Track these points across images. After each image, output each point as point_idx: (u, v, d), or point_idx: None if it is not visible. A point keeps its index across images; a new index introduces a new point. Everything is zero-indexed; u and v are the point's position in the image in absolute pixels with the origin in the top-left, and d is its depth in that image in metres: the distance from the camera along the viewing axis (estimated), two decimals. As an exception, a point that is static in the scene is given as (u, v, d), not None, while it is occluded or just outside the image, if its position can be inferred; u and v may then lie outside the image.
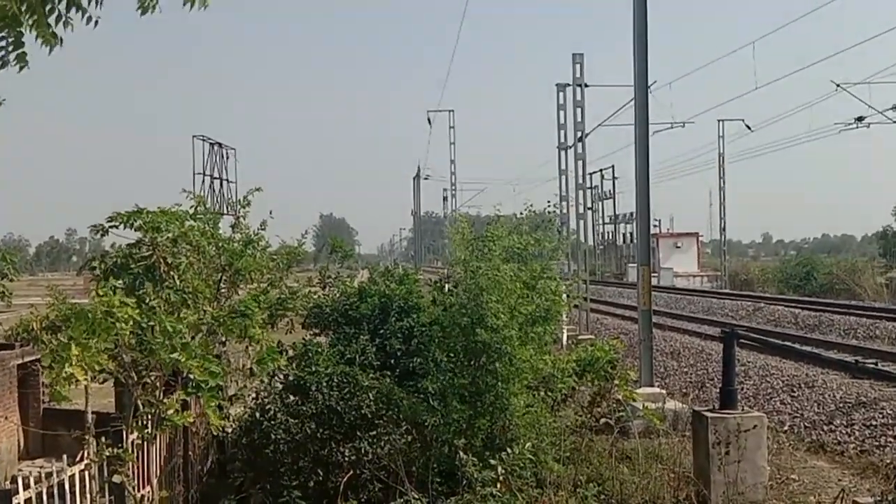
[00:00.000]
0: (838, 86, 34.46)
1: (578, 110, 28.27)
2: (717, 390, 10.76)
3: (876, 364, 13.63)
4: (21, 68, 4.34)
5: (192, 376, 7.25)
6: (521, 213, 12.06)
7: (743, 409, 10.45)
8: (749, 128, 48.74)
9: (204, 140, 24.87)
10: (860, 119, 36.33)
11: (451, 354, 10.22)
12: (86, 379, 6.86)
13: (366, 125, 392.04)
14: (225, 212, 15.27)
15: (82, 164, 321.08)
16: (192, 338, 8.06)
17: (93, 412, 8.17)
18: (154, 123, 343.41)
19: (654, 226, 71.72)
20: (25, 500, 6.67)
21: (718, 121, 54.52)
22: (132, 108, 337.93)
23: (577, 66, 27.91)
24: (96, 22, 4.33)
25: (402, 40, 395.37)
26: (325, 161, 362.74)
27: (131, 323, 6.97)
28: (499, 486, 8.63)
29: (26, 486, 6.82)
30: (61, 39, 4.33)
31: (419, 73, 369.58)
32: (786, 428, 14.34)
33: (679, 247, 71.93)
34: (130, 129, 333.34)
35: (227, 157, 25.97)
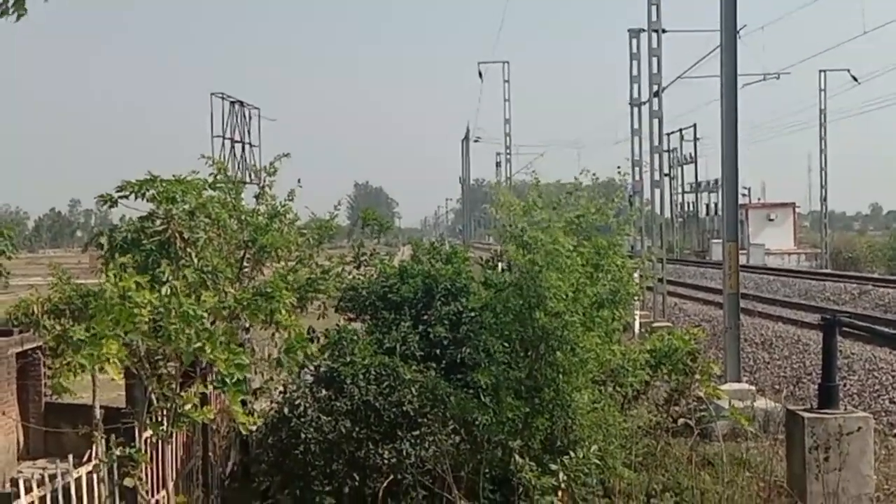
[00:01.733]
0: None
1: (654, 60, 27.97)
2: (816, 387, 10.67)
3: None
4: (19, 17, 4.47)
5: (214, 368, 7.36)
6: (579, 181, 11.89)
7: (846, 409, 10.33)
8: (855, 79, 47.97)
9: (224, 98, 24.97)
10: None
11: (506, 343, 10.24)
12: (118, 375, 6.97)
13: (409, 83, 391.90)
14: (248, 180, 15.37)
15: (86, 129, 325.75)
16: (213, 323, 8.18)
17: (101, 407, 8.34)
18: (169, 82, 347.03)
19: (743, 195, 70.78)
20: (28, 504, 6.85)
21: (820, 71, 53.72)
22: (147, 65, 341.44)
23: (653, 8, 27.59)
24: None
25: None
26: (361, 124, 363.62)
27: (149, 308, 7.08)
28: (560, 494, 8.67)
29: (28, 490, 7.00)
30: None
31: (470, 19, 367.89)
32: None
33: (772, 219, 70.96)
34: (143, 88, 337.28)
35: (250, 118, 26.05)
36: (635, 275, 11.18)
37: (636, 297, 12.17)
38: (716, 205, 70.82)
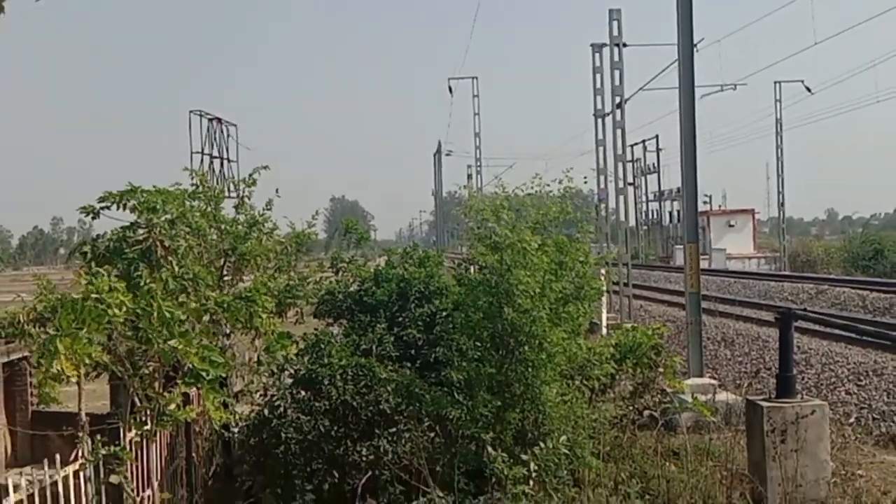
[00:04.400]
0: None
1: (616, 73, 28.18)
2: (774, 379, 10.79)
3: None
4: None
5: (188, 364, 7.37)
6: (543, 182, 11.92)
7: (802, 398, 10.46)
8: (809, 90, 48.43)
9: (202, 115, 24.92)
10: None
11: (478, 343, 10.31)
12: (76, 374, 6.98)
13: (381, 99, 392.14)
14: (227, 194, 15.37)
15: (68, 148, 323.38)
16: (193, 327, 8.19)
17: (86, 414, 8.32)
18: (147, 100, 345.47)
19: (704, 202, 71.55)
20: (16, 502, 6.81)
21: (775, 83, 54.21)
22: (122, 84, 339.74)
23: (615, 24, 27.81)
24: None
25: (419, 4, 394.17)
26: (336, 139, 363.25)
27: (124, 309, 7.09)
28: (531, 484, 8.73)
29: (16, 489, 6.96)
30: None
31: (440, 38, 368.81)
32: (852, 420, 14.34)
33: (733, 225, 71.54)
34: (122, 107, 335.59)
35: (228, 134, 26.00)
36: (602, 271, 11.29)
37: (601, 294, 12.24)
38: (679, 212, 71.17)
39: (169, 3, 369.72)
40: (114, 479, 7.46)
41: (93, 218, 10.22)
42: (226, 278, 12.01)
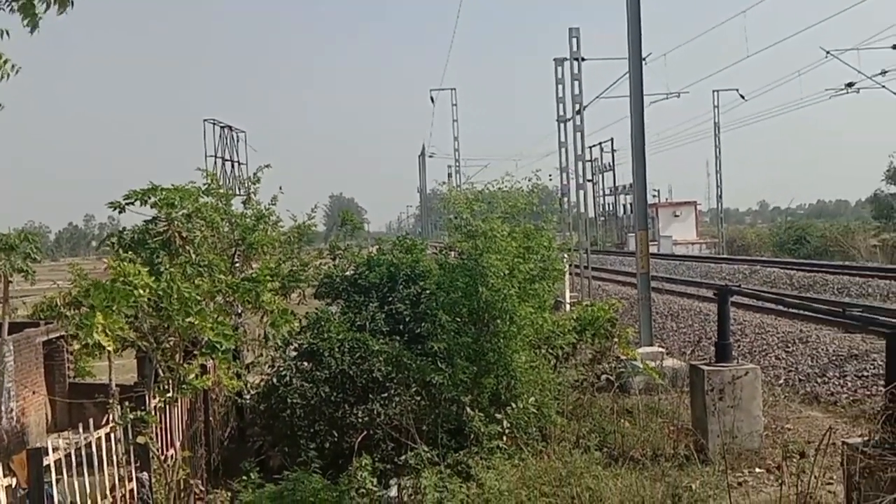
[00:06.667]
0: (828, 53, 34.25)
1: (576, 84, 28.09)
2: (714, 346, 10.85)
3: (862, 311, 13.67)
4: (33, 29, 4.42)
5: (206, 338, 7.36)
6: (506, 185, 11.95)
7: (738, 363, 10.53)
8: (743, 97, 48.47)
9: (214, 123, 24.78)
10: (850, 85, 36.11)
11: (457, 318, 10.33)
12: (110, 343, 6.95)
13: (372, 107, 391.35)
14: (237, 192, 15.34)
15: (101, 151, 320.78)
16: (209, 306, 8.17)
17: (116, 384, 8.31)
18: (168, 110, 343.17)
19: (653, 196, 71.57)
20: (55, 461, 6.78)
21: (713, 91, 54.25)
22: (143, 94, 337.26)
23: (574, 41, 27.73)
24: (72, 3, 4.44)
25: (405, 20, 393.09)
26: (333, 143, 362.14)
27: (148, 290, 7.07)
28: (504, 439, 8.76)
29: (55, 449, 6.94)
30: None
31: (422, 53, 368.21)
32: (781, 382, 14.44)
33: (678, 216, 71.77)
34: (144, 116, 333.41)
35: (238, 140, 25.91)
36: (564, 256, 11.30)
37: (564, 274, 12.27)
38: (631, 205, 71.33)
39: (186, 27, 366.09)
40: (141, 440, 7.45)
41: (119, 213, 10.18)
42: (236, 265, 11.99)
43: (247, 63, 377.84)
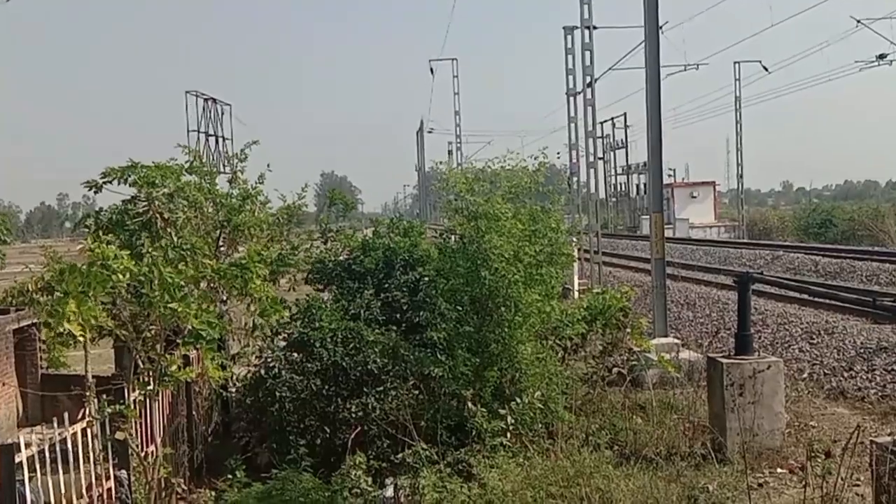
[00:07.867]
0: (859, 21, 34.13)
1: (587, 54, 28.03)
2: (733, 338, 10.85)
3: (894, 301, 13.65)
4: None
5: (189, 327, 7.36)
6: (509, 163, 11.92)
7: (759, 355, 10.53)
8: (766, 69, 48.43)
9: (197, 96, 24.67)
10: (882, 56, 35.99)
11: (458, 306, 10.33)
12: (83, 335, 6.96)
13: (367, 79, 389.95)
14: (221, 170, 15.29)
15: (74, 127, 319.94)
16: (192, 293, 8.16)
17: (93, 375, 8.31)
18: (144, 80, 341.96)
19: (669, 175, 71.55)
20: (27, 458, 6.79)
21: (734, 62, 54.16)
22: (122, 64, 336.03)
23: (585, 7, 27.63)
24: None
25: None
26: (326, 118, 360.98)
27: (128, 275, 7.07)
28: (508, 436, 8.79)
29: (27, 446, 6.95)
30: None
31: (421, 19, 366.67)
32: (805, 375, 14.45)
33: (695, 197, 71.67)
34: (121, 87, 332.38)
35: (223, 114, 25.80)
36: (573, 239, 11.30)
37: (573, 259, 12.27)
38: (645, 185, 71.17)
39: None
40: (119, 435, 7.47)
41: (96, 192, 10.19)
42: (221, 248, 11.97)
43: (235, 32, 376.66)
